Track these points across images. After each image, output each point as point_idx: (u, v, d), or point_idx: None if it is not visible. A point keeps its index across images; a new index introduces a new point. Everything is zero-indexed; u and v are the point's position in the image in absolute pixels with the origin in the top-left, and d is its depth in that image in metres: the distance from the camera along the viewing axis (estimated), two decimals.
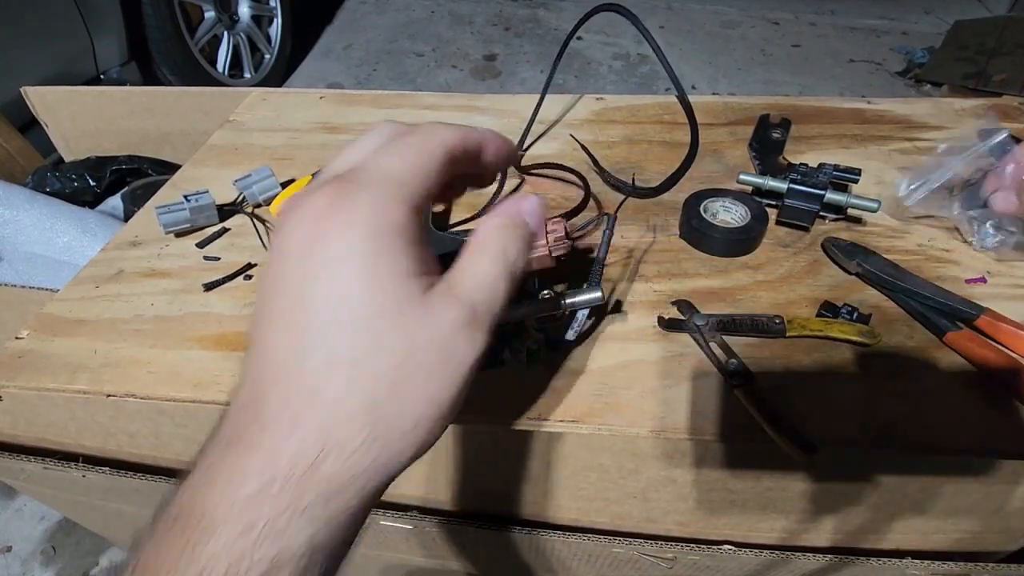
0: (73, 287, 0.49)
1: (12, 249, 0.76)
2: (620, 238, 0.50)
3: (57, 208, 0.77)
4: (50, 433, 0.45)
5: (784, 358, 0.39)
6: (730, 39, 2.29)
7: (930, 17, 2.46)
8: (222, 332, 0.44)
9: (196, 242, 0.52)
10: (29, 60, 1.28)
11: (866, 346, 0.39)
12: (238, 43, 1.84)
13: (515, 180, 0.58)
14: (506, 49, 2.22)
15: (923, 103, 0.66)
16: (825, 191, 0.47)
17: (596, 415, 0.37)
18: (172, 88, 1.13)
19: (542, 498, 0.42)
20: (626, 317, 0.43)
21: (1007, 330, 0.39)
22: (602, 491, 0.40)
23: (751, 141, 0.60)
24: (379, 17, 2.47)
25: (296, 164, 0.62)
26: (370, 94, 0.73)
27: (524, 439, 0.38)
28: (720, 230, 0.47)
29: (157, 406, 0.40)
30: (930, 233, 0.49)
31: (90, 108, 0.91)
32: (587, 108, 0.69)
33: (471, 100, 0.71)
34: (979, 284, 0.44)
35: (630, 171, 0.57)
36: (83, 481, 0.47)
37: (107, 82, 1.48)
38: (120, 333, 0.44)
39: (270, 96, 0.74)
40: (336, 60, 2.17)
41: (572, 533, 0.42)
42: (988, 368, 0.37)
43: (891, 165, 0.57)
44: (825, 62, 2.12)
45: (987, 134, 0.46)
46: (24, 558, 0.82)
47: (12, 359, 0.43)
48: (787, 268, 0.46)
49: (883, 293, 0.44)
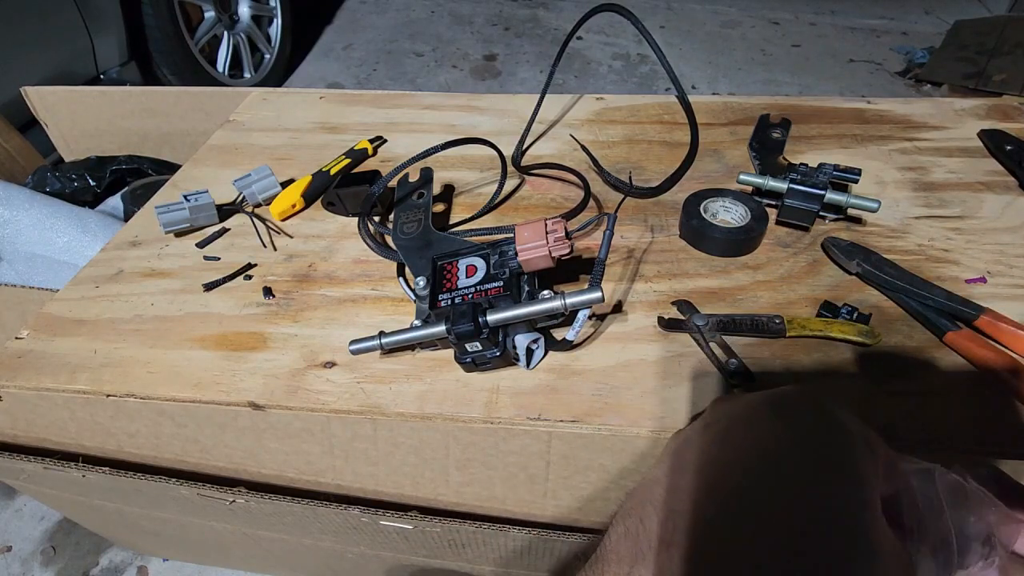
0: (73, 287, 0.49)
1: (12, 249, 0.76)
2: (620, 238, 0.50)
3: (57, 208, 0.77)
4: (50, 433, 0.45)
5: (784, 358, 0.39)
6: (730, 39, 2.28)
7: (930, 17, 2.46)
8: (222, 332, 0.44)
9: (196, 242, 0.52)
10: (29, 60, 1.28)
11: (866, 346, 0.39)
12: (238, 43, 1.84)
13: (515, 180, 0.58)
14: (506, 49, 2.22)
15: (923, 103, 0.66)
16: (825, 191, 0.47)
17: (596, 415, 0.37)
18: (172, 88, 1.13)
19: (542, 498, 0.42)
20: (626, 317, 0.43)
21: (1007, 330, 0.39)
22: (602, 491, 0.40)
23: (751, 141, 0.60)
24: (379, 17, 2.47)
25: (296, 164, 0.62)
26: (370, 94, 0.73)
27: (524, 439, 0.38)
28: (720, 230, 0.47)
29: (157, 406, 0.40)
30: (930, 233, 0.49)
31: (90, 108, 0.91)
32: (587, 108, 0.69)
33: (471, 100, 0.71)
34: (979, 284, 0.44)
35: (630, 171, 0.57)
36: (83, 481, 0.47)
37: (107, 82, 1.48)
38: (120, 333, 0.44)
39: (270, 96, 0.74)
40: (336, 60, 2.17)
41: (572, 533, 0.42)
42: (988, 368, 0.37)
43: (891, 165, 0.57)
44: (825, 62, 2.12)
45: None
46: (24, 558, 0.82)
47: (12, 359, 0.43)
48: (787, 268, 0.46)
49: (883, 293, 0.44)
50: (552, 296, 0.36)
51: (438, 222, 0.52)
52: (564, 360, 0.40)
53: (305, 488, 0.46)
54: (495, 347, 0.37)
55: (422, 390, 0.39)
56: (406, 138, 0.65)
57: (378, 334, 0.39)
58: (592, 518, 0.43)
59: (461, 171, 0.60)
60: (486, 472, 0.41)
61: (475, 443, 0.39)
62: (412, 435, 0.39)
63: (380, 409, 0.38)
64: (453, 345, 0.37)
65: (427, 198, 0.50)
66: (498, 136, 0.57)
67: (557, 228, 0.38)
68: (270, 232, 0.53)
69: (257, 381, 0.40)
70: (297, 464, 0.44)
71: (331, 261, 0.50)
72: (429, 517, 0.42)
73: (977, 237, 0.48)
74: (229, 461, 0.45)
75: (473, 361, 0.38)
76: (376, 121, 0.68)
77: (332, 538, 0.51)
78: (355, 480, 0.44)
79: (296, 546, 0.57)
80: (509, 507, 0.43)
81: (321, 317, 0.45)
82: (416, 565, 0.56)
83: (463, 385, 0.39)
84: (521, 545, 0.45)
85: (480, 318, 0.36)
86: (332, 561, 0.61)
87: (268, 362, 0.41)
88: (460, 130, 0.66)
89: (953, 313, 0.40)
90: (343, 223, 0.54)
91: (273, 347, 0.43)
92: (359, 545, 0.52)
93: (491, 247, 0.41)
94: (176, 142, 0.93)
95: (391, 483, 0.43)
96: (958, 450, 0.35)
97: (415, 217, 0.48)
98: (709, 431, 0.28)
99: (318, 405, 0.39)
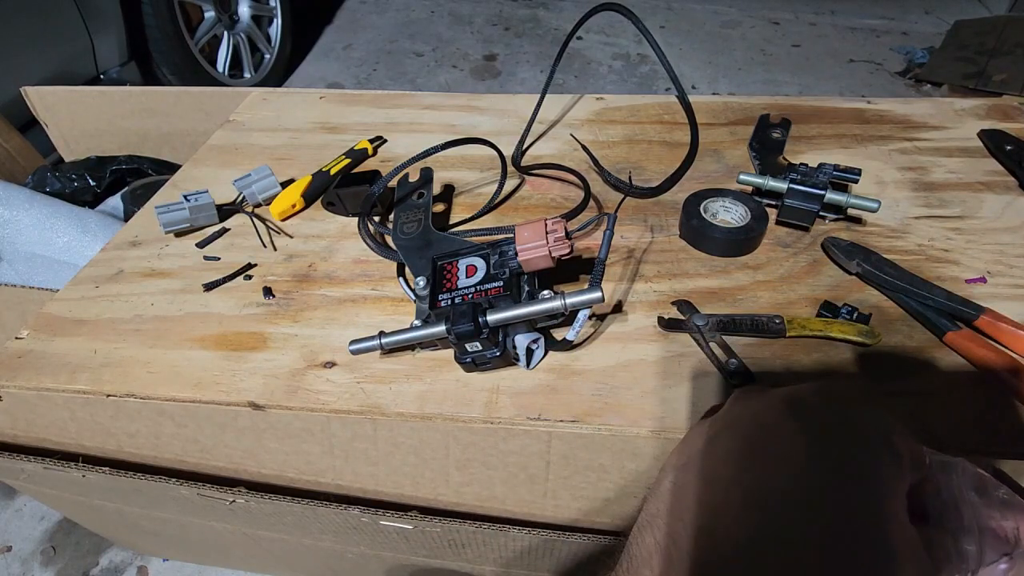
0: (73, 287, 0.49)
1: (12, 249, 0.76)
2: (620, 238, 0.50)
3: (57, 208, 0.77)
4: (50, 433, 0.45)
5: (784, 358, 0.39)
6: (730, 39, 2.28)
7: (930, 17, 2.46)
8: (222, 332, 0.44)
9: (196, 242, 0.52)
10: (29, 60, 1.28)
11: (866, 346, 0.39)
12: (238, 43, 1.84)
13: (515, 180, 0.58)
14: (506, 49, 2.22)
15: (923, 103, 0.66)
16: (825, 191, 0.47)
17: (596, 415, 0.37)
18: (172, 88, 1.13)
19: (542, 498, 0.42)
20: (626, 317, 0.43)
21: (1007, 330, 0.39)
22: (602, 491, 0.40)
23: (751, 141, 0.60)
24: (379, 17, 2.47)
25: (296, 164, 0.62)
26: (370, 94, 0.73)
27: (524, 439, 0.38)
28: (720, 230, 0.47)
29: (157, 406, 0.40)
30: (930, 233, 0.49)
31: (90, 108, 0.91)
32: (587, 108, 0.69)
33: (471, 100, 0.71)
34: (979, 284, 0.44)
35: (630, 171, 0.57)
36: (83, 481, 0.47)
37: (107, 82, 1.48)
38: (120, 333, 0.44)
39: (270, 96, 0.74)
40: (336, 60, 2.17)
41: (572, 533, 0.42)
42: (988, 368, 0.37)
43: (891, 165, 0.57)
44: (825, 62, 2.12)
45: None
46: (24, 558, 0.82)
47: (12, 359, 0.43)
48: (787, 268, 0.46)
49: (883, 293, 0.44)
50: (552, 296, 0.36)
51: (438, 222, 0.52)
52: (564, 360, 0.40)
53: (305, 488, 0.46)
54: (495, 347, 0.37)
55: (422, 390, 0.39)
56: (406, 138, 0.65)
57: (378, 334, 0.39)
58: (592, 518, 0.43)
59: (461, 171, 0.60)
60: (486, 472, 0.41)
61: (475, 443, 0.39)
62: (412, 435, 0.39)
63: (380, 409, 0.38)
64: (453, 345, 0.37)
65: (427, 198, 0.50)
66: (498, 136, 0.57)
67: (557, 228, 0.38)
68: (270, 232, 0.53)
69: (257, 381, 0.40)
70: (297, 464, 0.44)
71: (331, 261, 0.50)
72: (429, 517, 0.42)
73: (977, 237, 0.48)
74: (229, 461, 0.45)
75: (473, 361, 0.38)
76: (376, 121, 0.68)
77: (332, 538, 0.51)
78: (355, 480, 0.44)
79: (296, 546, 0.57)
80: (509, 507, 0.43)
81: (321, 317, 0.45)
82: (416, 565, 0.56)
83: (463, 385, 0.39)
84: (521, 545, 0.45)
85: (480, 318, 0.36)
86: (332, 561, 0.61)
87: (268, 362, 0.41)
88: (460, 130, 0.66)
89: (953, 313, 0.40)
90: (343, 223, 0.54)
91: (273, 347, 0.43)
92: (359, 545, 0.52)
93: (491, 247, 0.41)
94: (176, 142, 0.93)
95: (391, 483, 0.43)
96: (958, 450, 0.35)
97: (415, 217, 0.48)
98: (733, 434, 0.28)
99: (318, 405, 0.39)
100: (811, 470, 0.24)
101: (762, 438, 0.26)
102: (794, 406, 0.27)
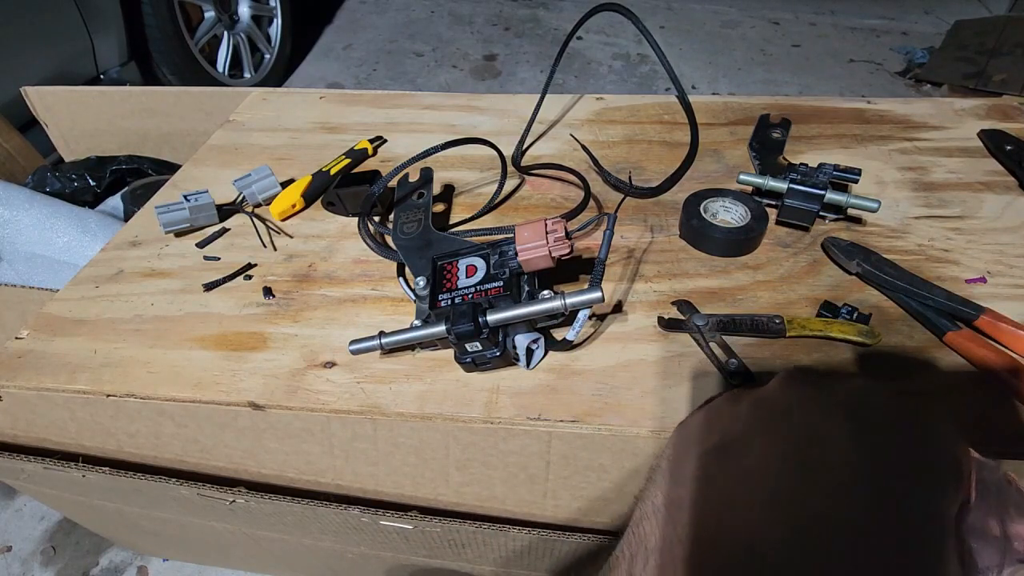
0: (73, 287, 0.49)
1: (12, 249, 0.76)
2: (620, 238, 0.50)
3: (57, 208, 0.77)
4: (50, 433, 0.45)
5: (784, 358, 0.39)
6: (730, 39, 2.28)
7: (930, 17, 2.46)
8: (222, 332, 0.44)
9: (196, 242, 0.52)
10: (29, 60, 1.28)
11: (866, 346, 0.39)
12: (238, 43, 1.84)
13: (515, 180, 0.58)
14: (506, 49, 2.22)
15: (923, 103, 0.66)
16: (825, 191, 0.47)
17: (596, 415, 0.37)
18: (172, 88, 1.13)
19: (542, 498, 0.42)
20: (626, 317, 0.43)
21: (1007, 330, 0.39)
22: (602, 491, 0.40)
23: (751, 141, 0.60)
24: (379, 17, 2.47)
25: (296, 164, 0.62)
26: (370, 94, 0.73)
27: (524, 439, 0.38)
28: (720, 230, 0.47)
29: (157, 406, 0.40)
30: (930, 233, 0.49)
31: (90, 108, 0.91)
32: (587, 108, 0.69)
33: (471, 100, 0.71)
34: (979, 284, 0.44)
35: (630, 171, 0.57)
36: (83, 481, 0.47)
37: (107, 82, 1.48)
38: (120, 333, 0.44)
39: (270, 96, 0.74)
40: (336, 60, 2.17)
41: (572, 533, 0.42)
42: (988, 368, 0.37)
43: (891, 165, 0.57)
44: (825, 62, 2.12)
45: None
46: (24, 558, 0.82)
47: (12, 359, 0.43)
48: (787, 268, 0.46)
49: (883, 293, 0.44)
50: (552, 296, 0.36)
51: (438, 222, 0.52)
52: (564, 360, 0.40)
53: (305, 488, 0.46)
54: (495, 347, 0.37)
55: (422, 390, 0.39)
56: (406, 138, 0.65)
57: (378, 334, 0.39)
58: (592, 518, 0.43)
59: (461, 171, 0.60)
60: (486, 472, 0.41)
61: (475, 443, 0.39)
62: (412, 435, 0.39)
63: (380, 409, 0.38)
64: (453, 345, 0.37)
65: (427, 198, 0.50)
66: (498, 136, 0.57)
67: (557, 228, 0.38)
68: (270, 232, 0.53)
69: (257, 381, 0.40)
70: (297, 464, 0.44)
71: (331, 261, 0.50)
72: (429, 517, 0.42)
73: (977, 237, 0.48)
74: (229, 461, 0.45)
75: (473, 361, 0.38)
76: (376, 121, 0.68)
77: (332, 538, 0.51)
78: (355, 480, 0.44)
79: (296, 546, 0.57)
80: (509, 507, 0.43)
81: (321, 317, 0.45)
82: (416, 565, 0.56)
83: (463, 385, 0.39)
84: (521, 545, 0.45)
85: (480, 318, 0.36)
86: (332, 561, 0.61)
87: (268, 362, 0.41)
88: (460, 130, 0.66)
89: (953, 313, 0.40)
90: (343, 223, 0.54)
91: (273, 347, 0.43)
92: (359, 545, 0.52)
93: (491, 247, 0.41)
94: (176, 142, 0.93)
95: (391, 483, 0.43)
96: None
97: (415, 217, 0.48)
98: (774, 439, 0.25)
99: (318, 405, 0.39)
100: (872, 496, 0.22)
101: (818, 453, 0.24)
102: (858, 420, 0.24)
